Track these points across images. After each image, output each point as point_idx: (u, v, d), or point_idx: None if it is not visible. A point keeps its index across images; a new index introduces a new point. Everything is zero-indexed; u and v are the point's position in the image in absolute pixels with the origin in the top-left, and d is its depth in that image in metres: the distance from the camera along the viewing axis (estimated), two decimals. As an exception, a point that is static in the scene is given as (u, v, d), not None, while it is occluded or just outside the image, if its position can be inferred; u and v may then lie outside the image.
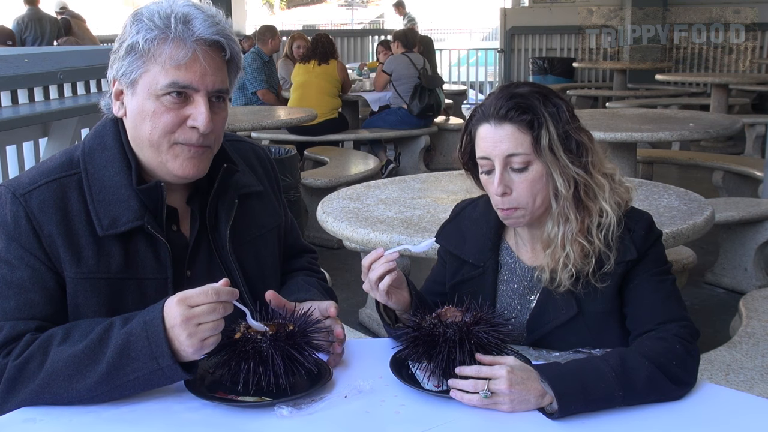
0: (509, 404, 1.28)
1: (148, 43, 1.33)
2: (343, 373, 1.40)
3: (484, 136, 1.50)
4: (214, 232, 1.49)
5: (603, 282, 1.50)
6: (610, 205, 1.50)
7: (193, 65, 1.34)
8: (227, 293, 1.26)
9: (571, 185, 1.49)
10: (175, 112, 1.35)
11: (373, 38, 13.46)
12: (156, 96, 1.35)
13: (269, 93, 7.30)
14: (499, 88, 1.56)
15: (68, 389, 1.25)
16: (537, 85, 1.55)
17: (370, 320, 3.73)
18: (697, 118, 5.01)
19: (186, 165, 1.39)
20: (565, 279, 1.50)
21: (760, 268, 4.05)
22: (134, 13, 1.38)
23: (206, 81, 1.36)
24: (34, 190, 1.37)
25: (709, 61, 11.99)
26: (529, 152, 1.47)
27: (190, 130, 1.37)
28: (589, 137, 1.54)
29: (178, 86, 1.34)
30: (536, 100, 1.48)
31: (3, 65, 3.42)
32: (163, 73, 1.34)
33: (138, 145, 1.41)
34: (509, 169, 1.49)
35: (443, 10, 24.33)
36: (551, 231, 1.52)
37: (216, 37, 1.36)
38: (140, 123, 1.38)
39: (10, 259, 1.34)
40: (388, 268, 1.44)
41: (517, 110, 1.47)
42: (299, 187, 4.59)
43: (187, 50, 1.33)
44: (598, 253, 1.49)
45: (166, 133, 1.36)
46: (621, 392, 1.29)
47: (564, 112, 1.50)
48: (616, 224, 1.50)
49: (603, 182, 1.51)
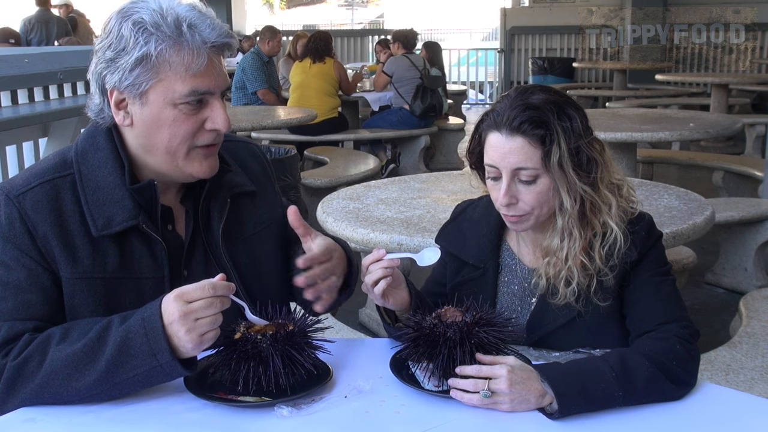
0: (509, 404, 1.28)
1: (162, 53, 1.32)
2: (343, 373, 1.40)
3: (494, 144, 1.48)
4: (207, 232, 1.49)
5: (605, 301, 1.49)
6: (616, 222, 1.48)
7: (209, 71, 1.35)
8: (224, 288, 1.26)
9: (577, 201, 1.48)
10: (193, 118, 1.37)
11: (373, 38, 13.46)
12: (174, 104, 1.35)
13: (269, 93, 7.29)
14: (513, 93, 1.51)
15: (68, 388, 1.25)
16: (552, 92, 1.51)
17: (370, 320, 3.73)
18: (697, 118, 5.01)
19: (205, 165, 1.41)
20: (569, 294, 1.49)
21: (760, 268, 4.05)
22: (135, 22, 1.32)
23: (219, 82, 1.38)
24: (28, 191, 1.37)
25: (709, 61, 12.00)
26: (538, 167, 1.45)
27: (209, 132, 1.39)
28: (600, 149, 1.51)
29: (198, 94, 1.35)
30: (550, 113, 1.45)
31: (3, 65, 3.43)
32: (181, 81, 1.33)
33: (148, 152, 1.40)
34: (517, 180, 1.47)
35: (443, 10, 24.34)
36: (553, 242, 1.51)
37: (225, 40, 1.37)
38: (155, 131, 1.37)
39: (5, 261, 1.34)
40: (385, 274, 1.43)
41: (530, 123, 1.44)
42: (299, 187, 4.59)
43: (202, 58, 1.34)
44: (598, 271, 1.49)
45: (186, 139, 1.37)
46: (621, 392, 1.29)
47: (578, 124, 1.47)
48: (623, 241, 1.48)
49: (609, 198, 1.49)
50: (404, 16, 21.63)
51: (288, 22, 22.27)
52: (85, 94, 3.95)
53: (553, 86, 1.60)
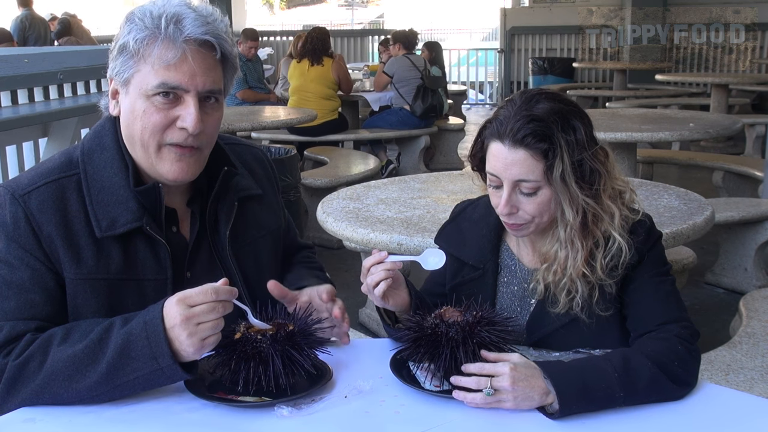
0: (513, 401, 1.28)
1: (138, 43, 1.33)
2: (343, 373, 1.40)
3: (497, 154, 1.46)
4: (213, 234, 1.49)
5: (606, 311, 1.49)
6: (619, 232, 1.47)
7: (183, 65, 1.33)
8: (226, 292, 1.26)
9: (579, 213, 1.47)
10: (164, 112, 1.35)
11: (373, 38, 13.46)
12: (146, 96, 1.35)
13: (247, 91, 7.49)
14: (518, 100, 1.48)
15: (68, 389, 1.25)
16: (557, 101, 1.47)
17: (370, 320, 3.73)
18: (697, 118, 5.01)
19: (175, 168, 1.39)
20: (570, 303, 1.49)
21: (760, 268, 4.05)
22: (128, 13, 1.38)
23: (196, 81, 1.35)
24: (34, 190, 1.37)
25: (709, 61, 11.99)
26: (540, 179, 1.44)
27: (179, 130, 1.36)
28: (604, 157, 1.49)
29: (167, 87, 1.34)
30: (554, 125, 1.43)
31: (3, 65, 3.43)
32: (153, 73, 1.33)
33: (131, 144, 1.41)
34: (518, 191, 1.46)
35: (443, 10, 24.34)
36: (553, 249, 1.50)
37: (206, 37, 1.35)
38: (132, 122, 1.38)
39: (9, 260, 1.34)
40: (386, 276, 1.43)
41: (534, 137, 1.41)
42: (299, 187, 4.59)
43: (176, 50, 1.33)
44: (600, 280, 1.48)
45: (155, 132, 1.36)
46: (622, 393, 1.29)
47: (582, 135, 1.45)
48: (627, 250, 1.47)
49: (612, 208, 1.48)
50: (404, 16, 21.64)
51: (288, 22, 22.27)
52: (86, 94, 3.95)
53: (554, 89, 1.59)
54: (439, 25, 21.17)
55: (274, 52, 12.34)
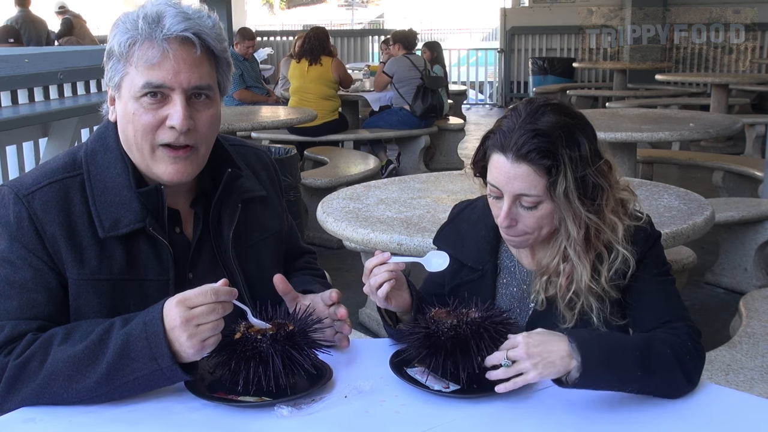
0: (534, 370, 1.27)
1: (122, 46, 1.33)
2: (343, 373, 1.40)
3: (499, 167, 1.45)
4: (217, 236, 1.49)
5: (623, 319, 1.49)
6: (623, 245, 1.46)
7: (165, 63, 1.33)
8: (226, 293, 1.26)
9: (582, 228, 1.45)
10: (153, 113, 1.35)
11: (373, 38, 13.46)
12: (135, 98, 1.35)
13: (244, 92, 7.49)
14: (523, 111, 1.45)
15: (68, 389, 1.25)
16: (563, 113, 1.44)
17: (370, 320, 3.73)
18: (697, 118, 5.02)
19: (170, 170, 1.38)
20: (593, 321, 1.48)
21: (760, 268, 4.05)
22: (115, 19, 1.38)
23: (180, 78, 1.34)
24: (37, 190, 1.37)
25: (709, 61, 12.00)
26: (542, 194, 1.43)
27: (169, 130, 1.36)
28: (608, 169, 1.47)
29: (152, 86, 1.33)
30: (559, 140, 1.40)
31: (3, 65, 3.43)
32: (138, 74, 1.33)
33: (128, 148, 1.41)
34: (518, 204, 1.45)
35: (443, 10, 24.34)
36: (553, 262, 1.49)
37: (185, 33, 1.33)
38: (126, 126, 1.38)
39: (12, 259, 1.34)
40: (389, 277, 1.43)
41: (537, 153, 1.39)
42: (299, 187, 4.59)
43: (157, 49, 1.32)
44: (604, 290, 1.47)
45: (146, 134, 1.36)
46: (640, 372, 1.29)
47: (586, 151, 1.43)
48: (632, 261, 1.46)
49: (615, 221, 1.47)
50: (404, 16, 21.65)
51: (288, 22, 22.27)
52: (86, 94, 3.95)
53: (554, 88, 1.59)
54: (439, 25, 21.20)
55: (273, 52, 12.33)
